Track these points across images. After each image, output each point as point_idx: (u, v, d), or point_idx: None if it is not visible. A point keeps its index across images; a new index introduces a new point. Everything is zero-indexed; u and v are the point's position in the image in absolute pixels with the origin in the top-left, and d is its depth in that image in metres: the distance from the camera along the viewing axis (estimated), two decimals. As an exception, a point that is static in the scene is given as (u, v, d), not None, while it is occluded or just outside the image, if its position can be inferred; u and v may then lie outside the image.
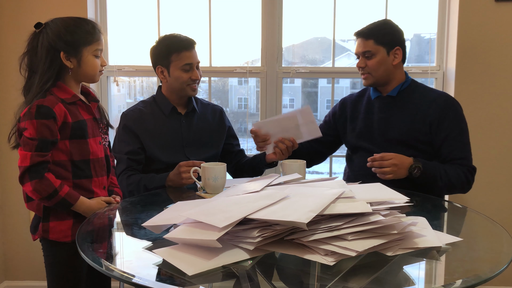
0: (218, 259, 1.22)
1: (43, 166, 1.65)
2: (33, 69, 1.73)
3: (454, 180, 1.97)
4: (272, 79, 2.80)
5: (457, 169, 1.99)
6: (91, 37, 1.75)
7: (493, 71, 2.65)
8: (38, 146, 1.64)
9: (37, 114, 1.65)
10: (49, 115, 1.66)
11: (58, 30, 1.71)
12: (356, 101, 2.26)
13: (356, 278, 1.19)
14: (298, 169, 1.89)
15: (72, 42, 1.71)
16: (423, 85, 2.21)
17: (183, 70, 2.13)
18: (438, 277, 1.29)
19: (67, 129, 1.71)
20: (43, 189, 1.64)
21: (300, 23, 2.87)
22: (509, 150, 2.71)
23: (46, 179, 1.65)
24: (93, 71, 1.78)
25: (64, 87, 1.75)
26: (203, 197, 1.84)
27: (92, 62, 1.77)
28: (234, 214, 1.30)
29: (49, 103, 1.67)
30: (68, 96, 1.74)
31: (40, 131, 1.64)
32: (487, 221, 1.64)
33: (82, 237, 1.45)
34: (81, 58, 1.74)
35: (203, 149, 2.23)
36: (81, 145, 1.75)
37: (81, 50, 1.73)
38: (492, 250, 1.44)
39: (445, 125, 2.03)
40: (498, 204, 2.75)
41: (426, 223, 1.48)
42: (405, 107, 2.10)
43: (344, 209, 1.31)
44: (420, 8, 2.84)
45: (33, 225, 1.81)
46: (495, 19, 2.60)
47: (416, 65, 2.89)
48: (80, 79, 1.80)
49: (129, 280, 1.16)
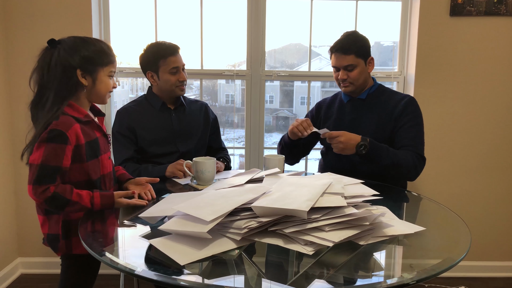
0: (208, 249, 1.16)
1: (56, 200, 1.41)
2: (45, 85, 1.49)
3: (402, 160, 1.88)
4: (256, 81, 2.74)
5: (406, 152, 1.91)
6: (108, 58, 1.56)
7: (448, 77, 2.62)
8: (40, 175, 1.41)
9: (50, 138, 1.42)
10: (62, 140, 1.43)
11: (76, 47, 1.51)
12: (329, 105, 2.20)
13: (331, 264, 1.13)
14: (278, 164, 1.84)
15: (89, 60, 1.51)
16: (389, 88, 2.16)
17: (170, 73, 2.06)
18: (404, 263, 1.23)
19: (81, 151, 1.49)
20: (75, 210, 1.45)
21: (280, 30, 2.80)
22: (459, 145, 2.69)
23: (72, 203, 1.43)
24: (105, 91, 1.58)
25: (77, 107, 1.53)
26: (195, 187, 1.78)
27: (106, 82, 1.57)
28: (221, 208, 1.24)
29: (63, 127, 1.44)
30: (81, 116, 1.53)
31: (48, 157, 1.41)
32: (445, 211, 1.61)
33: (84, 229, 1.35)
34: (96, 77, 1.54)
35: (192, 140, 2.17)
36: (95, 164, 1.55)
37: (97, 69, 1.53)
38: (451, 238, 1.39)
39: (402, 118, 1.98)
40: (449, 192, 2.73)
41: (389, 212, 1.43)
42: (373, 108, 2.05)
43: (323, 203, 1.25)
44: (380, 19, 2.79)
45: (50, 240, 1.57)
46: (450, 31, 2.57)
47: (381, 70, 2.83)
48: (91, 98, 1.58)
49: (132, 273, 1.08)
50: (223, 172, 2.06)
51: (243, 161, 2.92)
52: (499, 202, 2.75)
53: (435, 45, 2.58)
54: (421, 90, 2.62)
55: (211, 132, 2.27)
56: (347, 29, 2.09)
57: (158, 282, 1.03)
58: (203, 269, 1.11)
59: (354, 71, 2.00)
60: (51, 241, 1.56)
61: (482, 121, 2.66)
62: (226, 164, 2.18)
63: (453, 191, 2.73)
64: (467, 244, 1.25)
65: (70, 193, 1.43)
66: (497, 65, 2.61)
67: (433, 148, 2.62)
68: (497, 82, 2.63)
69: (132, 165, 2.00)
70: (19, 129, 2.61)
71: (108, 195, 1.49)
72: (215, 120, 2.30)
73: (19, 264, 2.77)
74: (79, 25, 2.52)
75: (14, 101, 2.60)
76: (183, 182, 1.88)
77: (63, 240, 1.54)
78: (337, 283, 1.06)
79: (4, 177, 2.60)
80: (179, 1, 2.77)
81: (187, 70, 2.17)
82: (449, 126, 2.67)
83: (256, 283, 1.05)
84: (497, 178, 2.72)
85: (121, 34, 2.76)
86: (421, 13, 2.55)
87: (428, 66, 2.60)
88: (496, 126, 2.67)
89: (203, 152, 2.20)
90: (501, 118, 2.66)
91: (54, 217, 1.55)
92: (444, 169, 2.71)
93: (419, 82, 2.61)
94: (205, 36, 2.74)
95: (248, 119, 2.78)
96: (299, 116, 2.55)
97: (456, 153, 2.70)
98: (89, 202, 1.45)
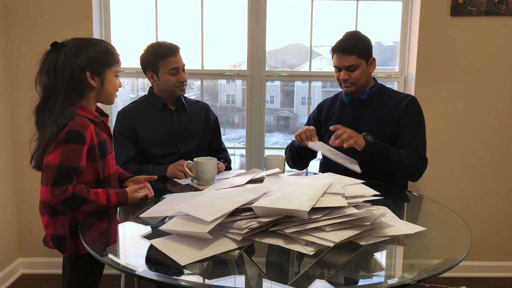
0: (209, 249, 1.16)
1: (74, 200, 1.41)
2: (53, 89, 1.47)
3: (404, 159, 1.87)
4: (256, 81, 2.74)
5: (408, 152, 1.91)
6: (114, 57, 1.56)
7: (448, 76, 2.62)
8: (59, 176, 1.39)
9: (69, 139, 1.42)
10: (80, 140, 1.43)
11: (81, 48, 1.50)
12: (330, 105, 2.20)
13: (332, 264, 1.13)
14: (279, 164, 1.84)
15: (96, 61, 1.51)
16: (390, 88, 2.16)
17: (170, 74, 2.06)
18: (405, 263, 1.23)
19: (94, 151, 1.49)
20: (92, 209, 1.45)
21: (280, 30, 2.80)
22: (460, 145, 2.69)
23: (90, 202, 1.43)
24: (113, 91, 1.59)
25: (87, 108, 1.53)
26: (195, 187, 1.78)
27: (114, 82, 1.57)
28: (221, 208, 1.24)
29: (80, 127, 1.44)
30: (92, 117, 1.53)
31: (67, 158, 1.41)
32: (446, 211, 1.60)
33: (85, 228, 1.35)
34: (104, 78, 1.54)
35: (193, 140, 2.17)
36: (104, 164, 1.56)
37: (105, 69, 1.53)
38: (452, 238, 1.39)
39: (404, 119, 1.98)
40: (450, 192, 2.73)
41: (390, 213, 1.43)
42: (375, 109, 2.04)
43: (324, 203, 1.25)
44: (381, 19, 2.78)
45: (56, 240, 1.56)
46: (450, 31, 2.57)
47: (381, 70, 2.83)
48: (100, 99, 1.58)
49: (133, 273, 1.07)
50: (223, 172, 2.06)
51: (243, 161, 2.92)
52: (500, 202, 2.75)
53: (435, 45, 2.58)
54: (421, 90, 2.61)
55: (212, 133, 2.27)
56: (348, 29, 2.09)
57: (159, 283, 1.03)
58: (203, 269, 1.11)
59: (355, 72, 1.99)
60: (57, 241, 1.55)
61: (482, 120, 2.66)
62: (227, 165, 2.17)
63: (454, 191, 2.73)
64: (468, 244, 1.25)
65: (87, 192, 1.43)
66: (498, 65, 2.60)
67: (433, 148, 2.62)
68: (497, 82, 2.62)
69: (133, 166, 2.00)
70: (20, 129, 2.62)
71: (122, 192, 1.52)
72: (216, 121, 2.30)
73: (20, 264, 2.77)
74: (80, 25, 2.52)
75: (15, 101, 2.60)
76: (183, 182, 1.88)
77: (70, 241, 1.54)
78: (338, 283, 1.06)
79: (5, 177, 2.61)
80: (180, 1, 2.77)
81: (187, 70, 2.17)
82: (450, 125, 2.66)
83: (257, 283, 1.05)
84: (498, 178, 2.72)
85: (122, 34, 2.76)
86: (422, 13, 2.55)
87: (428, 66, 2.60)
88: (496, 126, 2.67)
89: (204, 153, 2.20)
90: (501, 118, 2.66)
91: (60, 218, 1.54)
92: (445, 169, 2.70)
93: (419, 82, 2.61)
94: (206, 36, 2.74)
95: (249, 119, 2.78)
96: (300, 116, 2.56)
97: (456, 153, 2.70)
98: (105, 199, 1.46)
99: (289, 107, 3.26)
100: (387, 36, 2.84)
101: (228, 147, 2.38)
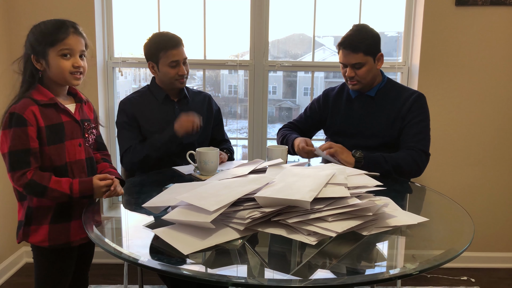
0: (212, 238, 1.16)
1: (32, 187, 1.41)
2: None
3: (400, 161, 1.86)
4: (259, 71, 2.73)
5: (403, 152, 1.90)
6: (54, 37, 1.45)
7: (452, 67, 2.60)
8: (13, 161, 1.40)
9: (10, 123, 1.41)
10: (20, 122, 1.41)
11: (30, 32, 1.49)
12: (336, 97, 2.16)
13: (334, 254, 1.14)
14: (281, 154, 1.84)
15: (38, 44, 1.45)
16: (398, 83, 2.12)
17: (170, 66, 2.03)
18: (407, 253, 1.24)
19: (42, 133, 1.45)
20: (55, 197, 1.44)
21: (283, 20, 2.79)
22: (463, 136, 2.68)
23: (51, 190, 1.42)
24: (61, 73, 1.47)
25: (42, 90, 1.48)
26: (198, 177, 1.78)
27: (58, 64, 1.46)
28: (224, 198, 1.24)
29: (19, 109, 1.42)
30: (45, 99, 1.47)
31: (13, 142, 1.40)
32: (449, 202, 1.61)
33: (88, 217, 1.36)
34: (48, 59, 1.46)
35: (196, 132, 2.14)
36: (59, 150, 1.49)
37: (47, 50, 1.45)
38: (454, 229, 1.39)
39: (409, 115, 1.96)
40: (453, 183, 2.73)
41: (392, 203, 1.43)
42: (383, 106, 2.02)
43: (326, 193, 1.25)
44: (385, 9, 2.76)
45: (18, 226, 1.58)
46: (455, 21, 2.55)
47: (385, 60, 2.80)
48: (53, 81, 1.51)
49: (136, 262, 1.08)
50: (226, 162, 2.06)
51: (246, 152, 2.92)
52: (502, 194, 2.75)
53: (440, 35, 2.56)
54: (425, 81, 2.60)
55: (214, 124, 2.26)
56: (351, 19, 2.06)
57: (162, 272, 1.04)
58: (206, 259, 1.12)
59: (362, 69, 1.96)
60: (18, 228, 1.57)
61: (486, 112, 2.65)
62: (230, 155, 2.17)
63: (456, 182, 2.73)
64: (470, 235, 1.26)
65: (48, 180, 1.42)
66: (503, 55, 2.58)
67: (436, 139, 2.61)
68: (502, 73, 2.61)
69: (139, 145, 1.99)
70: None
71: (87, 181, 1.47)
72: (218, 112, 2.30)
73: (23, 253, 2.79)
74: (81, 14, 2.51)
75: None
76: (186, 172, 1.88)
77: (22, 227, 1.54)
78: (340, 273, 1.06)
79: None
80: (182, -9, 2.76)
81: (190, 60, 2.15)
82: (453, 117, 2.65)
83: (259, 272, 1.06)
84: (501, 170, 2.72)
85: (124, 23, 2.75)
86: (426, 2, 2.53)
87: (432, 56, 2.58)
88: (500, 118, 2.66)
89: (206, 144, 2.19)
90: (506, 110, 2.65)
91: (24, 204, 1.55)
92: (447, 160, 2.70)
93: (423, 72, 2.60)
94: (208, 26, 2.72)
95: (251, 109, 2.77)
96: (302, 107, 2.53)
97: (459, 144, 2.69)
98: (68, 188, 1.43)
99: (291, 98, 3.26)
100: (391, 26, 2.82)
101: (231, 138, 2.38)
